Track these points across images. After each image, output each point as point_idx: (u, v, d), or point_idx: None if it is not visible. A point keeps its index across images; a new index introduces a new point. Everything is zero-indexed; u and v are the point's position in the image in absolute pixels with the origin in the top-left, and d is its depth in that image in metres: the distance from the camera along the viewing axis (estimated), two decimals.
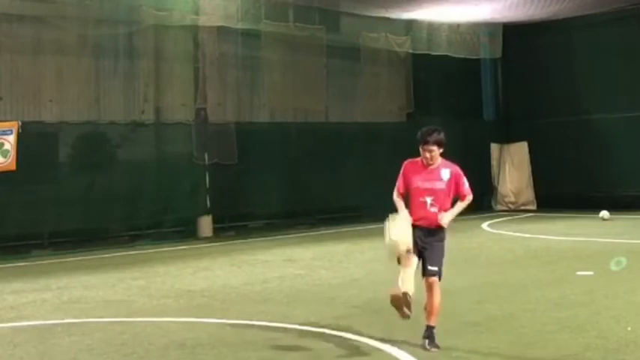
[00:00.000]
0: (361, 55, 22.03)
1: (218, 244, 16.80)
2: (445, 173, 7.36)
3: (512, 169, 23.72)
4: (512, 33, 23.12)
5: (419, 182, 7.34)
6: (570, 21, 21.41)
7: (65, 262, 14.39)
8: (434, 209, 7.24)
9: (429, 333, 7.20)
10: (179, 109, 18.66)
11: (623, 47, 21.87)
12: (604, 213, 19.20)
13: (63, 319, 9.05)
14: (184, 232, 17.79)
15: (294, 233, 18.26)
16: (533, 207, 22.99)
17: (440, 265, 7.34)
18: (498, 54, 23.82)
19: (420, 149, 7.41)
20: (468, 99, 24.14)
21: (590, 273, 11.18)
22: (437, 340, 7.14)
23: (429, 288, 7.34)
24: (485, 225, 19.23)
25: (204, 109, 18.68)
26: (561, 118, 22.70)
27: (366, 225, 19.58)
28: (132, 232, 17.37)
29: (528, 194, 23.33)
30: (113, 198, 16.98)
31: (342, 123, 21.74)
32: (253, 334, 8.02)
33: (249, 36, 19.36)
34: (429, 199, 7.26)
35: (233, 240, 17.51)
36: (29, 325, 8.78)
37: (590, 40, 22.36)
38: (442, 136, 7.42)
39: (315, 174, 20.12)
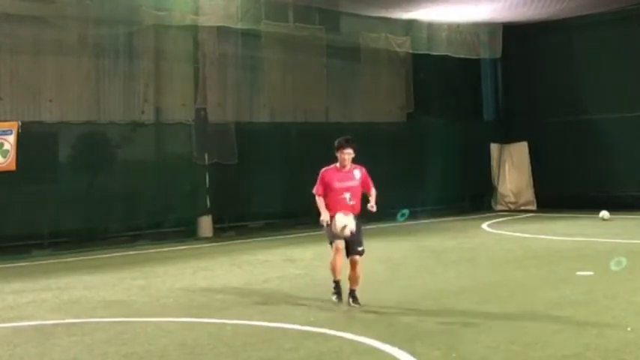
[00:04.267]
0: (361, 55, 22.04)
1: (218, 244, 16.81)
2: (357, 173, 9.40)
3: (512, 169, 23.72)
4: (512, 33, 23.13)
5: (337, 183, 9.29)
6: (570, 21, 21.41)
7: (65, 262, 14.40)
8: (352, 202, 9.26)
9: (354, 294, 9.21)
10: (179, 109, 18.66)
11: (623, 47, 21.86)
12: (604, 213, 19.20)
13: (63, 319, 9.05)
14: (184, 232, 17.80)
15: (294, 233, 18.24)
16: (533, 207, 22.99)
17: (363, 245, 9.43)
18: (498, 54, 23.82)
19: (339, 154, 9.37)
20: (468, 99, 24.15)
21: (590, 273, 11.18)
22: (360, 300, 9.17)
23: (354, 264, 9.26)
24: (485, 225, 19.23)
25: (204, 109, 18.68)
26: (561, 118, 22.70)
27: (365, 225, 19.55)
28: (132, 232, 17.38)
29: (528, 194, 23.33)
30: (113, 198, 16.98)
31: (342, 123, 21.71)
32: (253, 334, 8.03)
33: (249, 36, 19.36)
34: (347, 195, 9.25)
35: (233, 240, 17.51)
36: (29, 325, 8.78)
37: (590, 40, 22.36)
38: (355, 146, 9.46)
39: (315, 174, 20.04)
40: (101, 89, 17.75)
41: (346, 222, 9.08)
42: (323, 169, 9.48)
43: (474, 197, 23.63)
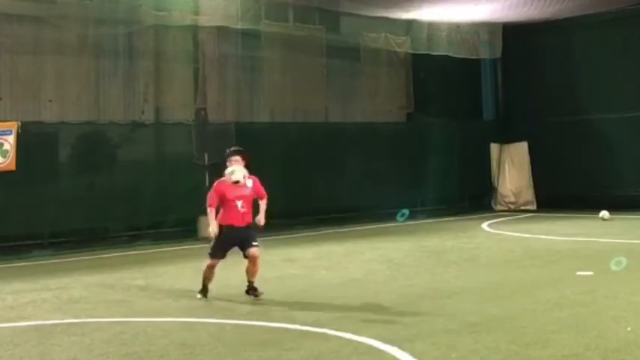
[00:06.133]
0: (361, 55, 22.04)
1: None
2: (249, 183, 10.01)
3: (512, 169, 23.71)
4: (512, 33, 23.11)
5: (231, 193, 9.83)
6: (570, 21, 21.40)
7: (65, 262, 14.40)
8: (243, 210, 9.86)
9: (253, 286, 9.95)
10: (179, 109, 18.66)
11: (623, 47, 21.87)
12: (604, 213, 19.20)
13: (63, 319, 9.05)
14: (184, 232, 17.77)
15: (294, 233, 18.25)
16: (533, 207, 22.98)
17: (256, 240, 9.92)
18: (498, 54, 23.81)
19: (228, 163, 9.98)
20: (468, 99, 24.14)
21: (590, 273, 11.19)
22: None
23: (254, 260, 9.83)
24: (485, 225, 19.24)
25: (204, 109, 18.67)
26: (561, 118, 22.70)
27: (365, 225, 19.61)
28: (132, 232, 17.36)
29: (528, 194, 23.32)
30: (113, 198, 16.97)
31: (341, 123, 21.75)
32: (253, 334, 8.03)
33: (249, 36, 19.35)
34: (239, 203, 9.83)
35: None
36: (29, 325, 8.78)
37: (590, 40, 22.36)
38: (244, 154, 10.19)
39: (314, 174, 20.12)
40: (101, 89, 17.74)
41: (235, 169, 9.91)
42: (217, 181, 10.07)
43: (473, 197, 23.63)
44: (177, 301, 10.13)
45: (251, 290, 9.94)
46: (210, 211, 9.92)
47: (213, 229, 9.84)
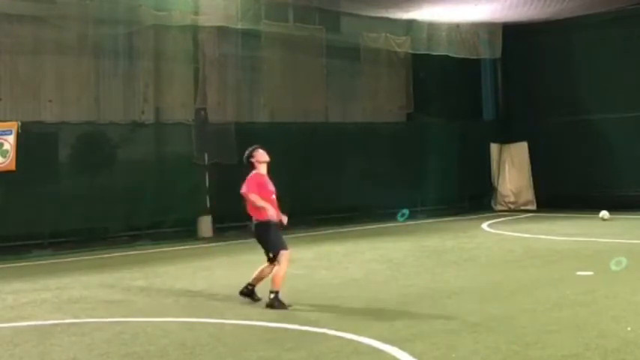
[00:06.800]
0: (361, 55, 22.04)
1: (218, 244, 16.80)
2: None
3: (512, 169, 23.71)
4: (512, 33, 23.11)
5: (271, 187, 9.81)
6: (570, 21, 21.39)
7: (65, 262, 14.40)
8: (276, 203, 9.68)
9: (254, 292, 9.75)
10: (179, 109, 18.65)
11: (623, 47, 21.86)
12: (604, 213, 19.19)
13: (63, 319, 9.06)
14: (184, 232, 17.78)
15: (294, 233, 18.19)
16: (533, 207, 22.98)
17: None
18: (498, 54, 23.80)
19: (260, 157, 9.93)
20: (468, 99, 24.14)
21: (590, 273, 11.18)
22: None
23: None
24: (485, 225, 19.23)
25: (204, 109, 18.67)
26: (561, 118, 22.70)
27: (365, 225, 19.62)
28: (132, 232, 17.37)
29: (528, 194, 23.32)
30: (113, 198, 16.97)
31: (342, 123, 21.75)
32: (253, 334, 8.03)
33: (249, 36, 19.35)
34: (274, 197, 9.75)
35: (233, 240, 17.49)
36: (29, 325, 8.78)
37: (590, 40, 22.35)
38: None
39: (314, 174, 20.11)
40: (101, 89, 17.75)
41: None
42: (256, 174, 9.79)
43: (473, 197, 23.63)
44: (177, 301, 10.13)
45: (253, 294, 9.80)
46: (258, 197, 9.56)
47: (277, 214, 9.63)
